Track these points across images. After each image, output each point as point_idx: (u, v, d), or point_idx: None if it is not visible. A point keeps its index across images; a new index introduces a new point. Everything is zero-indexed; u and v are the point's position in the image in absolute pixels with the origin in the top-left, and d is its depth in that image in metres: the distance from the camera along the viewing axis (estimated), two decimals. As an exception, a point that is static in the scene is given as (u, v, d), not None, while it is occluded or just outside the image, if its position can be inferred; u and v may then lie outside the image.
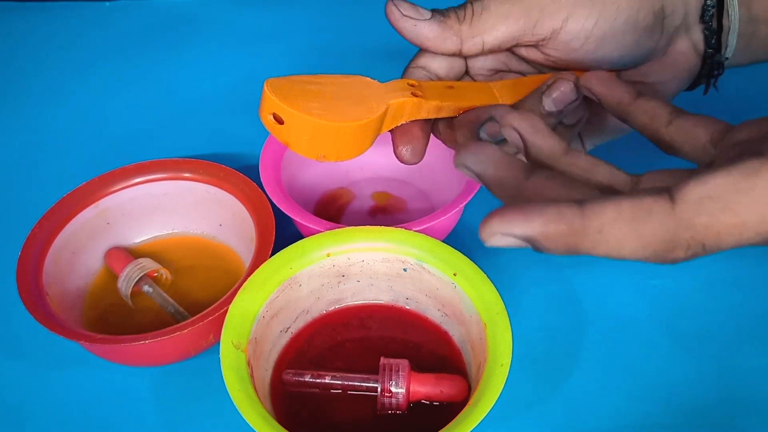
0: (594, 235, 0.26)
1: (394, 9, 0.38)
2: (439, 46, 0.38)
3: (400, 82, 0.37)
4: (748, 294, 0.48)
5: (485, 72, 0.41)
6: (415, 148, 0.38)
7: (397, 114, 0.36)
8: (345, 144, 0.34)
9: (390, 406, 0.41)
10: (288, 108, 0.33)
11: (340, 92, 0.35)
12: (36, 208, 0.48)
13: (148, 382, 0.45)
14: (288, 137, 0.34)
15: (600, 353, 0.45)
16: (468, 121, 0.37)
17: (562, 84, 0.36)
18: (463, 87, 0.39)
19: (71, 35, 0.71)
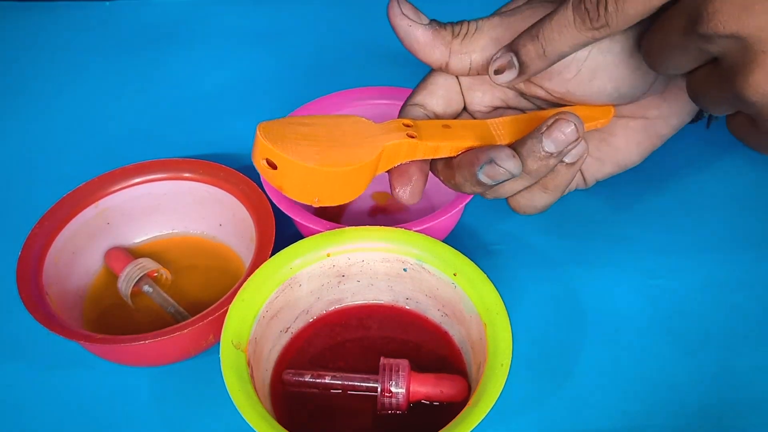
0: None
1: (395, 6, 0.38)
2: (426, 53, 0.38)
3: (396, 123, 0.36)
4: (748, 294, 0.48)
5: (483, 108, 0.41)
6: (413, 190, 0.37)
7: (393, 155, 0.36)
8: (340, 188, 0.34)
9: (390, 406, 0.41)
10: (281, 153, 0.32)
11: (334, 134, 0.34)
12: (36, 208, 0.48)
13: (148, 382, 0.45)
14: (282, 182, 0.33)
15: (600, 353, 0.45)
16: (467, 162, 0.36)
17: (563, 124, 0.35)
18: (460, 126, 0.38)
19: (71, 35, 0.71)
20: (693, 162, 0.56)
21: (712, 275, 0.49)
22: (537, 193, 0.38)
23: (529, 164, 0.35)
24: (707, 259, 0.50)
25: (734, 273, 0.49)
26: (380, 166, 0.35)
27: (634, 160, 0.42)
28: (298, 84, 0.64)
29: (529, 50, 0.35)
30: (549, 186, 0.38)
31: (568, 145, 0.35)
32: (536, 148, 0.35)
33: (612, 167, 0.42)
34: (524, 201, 0.39)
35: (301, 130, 0.34)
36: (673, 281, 0.49)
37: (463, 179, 0.36)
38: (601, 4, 0.32)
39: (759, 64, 0.29)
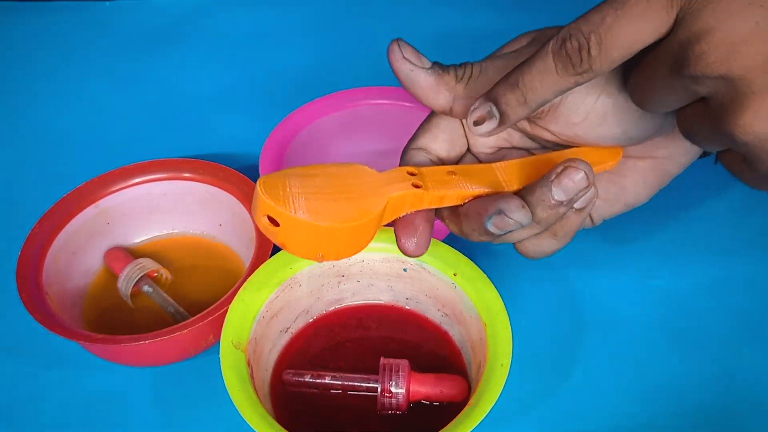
0: None
1: (396, 49, 0.36)
2: (430, 99, 0.37)
3: (400, 172, 0.35)
4: (748, 294, 0.48)
5: (487, 150, 0.39)
6: (419, 241, 0.36)
7: (398, 206, 0.35)
8: (345, 244, 0.33)
9: (390, 407, 0.41)
10: (283, 211, 0.31)
11: (337, 186, 0.33)
12: (36, 208, 0.48)
13: (148, 382, 0.45)
14: (284, 240, 0.32)
15: (600, 353, 0.45)
16: (475, 212, 0.35)
17: (572, 172, 0.33)
18: (466, 172, 0.37)
19: (71, 35, 0.71)
20: (693, 162, 0.56)
21: (712, 276, 0.49)
22: (546, 240, 0.37)
23: (539, 213, 0.34)
24: (707, 260, 0.50)
25: (734, 274, 0.49)
26: (385, 217, 0.34)
27: (642, 199, 0.41)
28: (298, 84, 0.64)
29: (509, 99, 0.34)
30: (558, 232, 0.36)
31: (578, 193, 0.34)
32: (545, 197, 0.34)
33: (620, 207, 0.41)
34: (533, 247, 0.37)
35: (303, 183, 0.33)
36: (673, 281, 0.49)
37: (471, 229, 0.35)
38: (584, 48, 0.32)
39: (748, 105, 0.29)
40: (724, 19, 0.29)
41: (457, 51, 0.68)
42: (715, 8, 0.29)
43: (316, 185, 0.33)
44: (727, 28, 0.28)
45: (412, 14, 0.72)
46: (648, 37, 0.31)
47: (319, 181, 0.33)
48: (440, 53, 0.68)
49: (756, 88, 0.29)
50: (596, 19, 0.31)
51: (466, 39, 0.68)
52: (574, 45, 0.32)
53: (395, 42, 0.37)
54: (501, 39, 0.40)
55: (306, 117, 0.54)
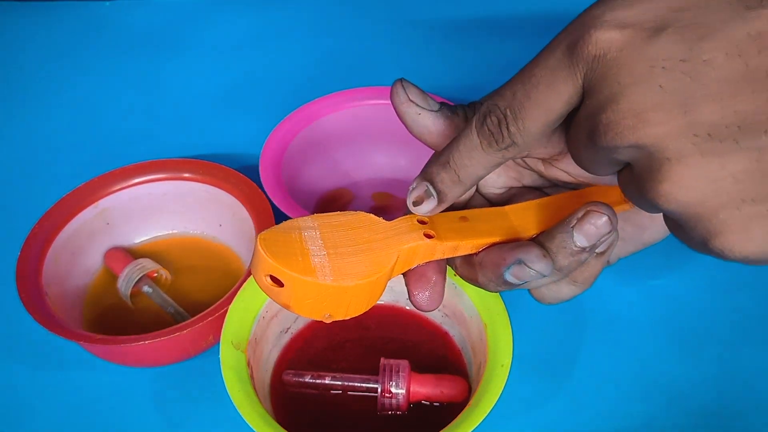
0: None
1: (400, 91, 0.34)
2: (439, 143, 0.34)
3: (409, 220, 0.33)
4: (748, 294, 0.48)
5: (497, 190, 0.37)
6: (433, 294, 0.34)
7: (410, 258, 0.32)
8: (354, 302, 0.31)
9: (390, 407, 0.41)
10: (288, 271, 0.29)
11: (343, 239, 0.31)
12: (36, 208, 0.48)
13: (148, 382, 0.45)
14: (289, 300, 0.30)
15: (600, 353, 0.45)
16: (492, 263, 0.33)
17: (595, 216, 0.31)
18: (479, 217, 0.35)
19: (71, 35, 0.71)
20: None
21: (712, 276, 0.49)
22: (565, 285, 0.35)
23: (560, 260, 0.32)
24: (708, 260, 0.49)
25: (735, 273, 0.49)
26: (395, 270, 0.32)
27: (659, 237, 0.39)
28: (298, 84, 0.64)
29: (443, 178, 0.33)
30: (578, 279, 0.35)
31: (602, 238, 0.32)
32: (567, 244, 0.32)
33: (636, 246, 0.39)
34: (550, 294, 0.35)
35: (306, 238, 0.31)
36: (673, 281, 0.49)
37: (488, 279, 0.33)
38: (502, 124, 0.30)
39: (666, 173, 0.27)
40: (628, 85, 0.27)
41: (458, 50, 0.68)
42: (618, 73, 0.27)
43: (321, 240, 0.31)
44: (632, 94, 0.27)
45: (413, 14, 0.72)
46: (561, 108, 0.30)
47: (323, 235, 0.31)
48: (441, 52, 0.68)
49: (671, 155, 0.27)
50: (508, 95, 0.30)
51: (467, 38, 0.68)
52: (494, 121, 0.31)
53: (399, 83, 0.34)
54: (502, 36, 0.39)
55: (306, 117, 0.54)
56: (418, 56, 0.67)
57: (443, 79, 0.64)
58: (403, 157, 0.55)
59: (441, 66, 0.65)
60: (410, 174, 0.55)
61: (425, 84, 0.41)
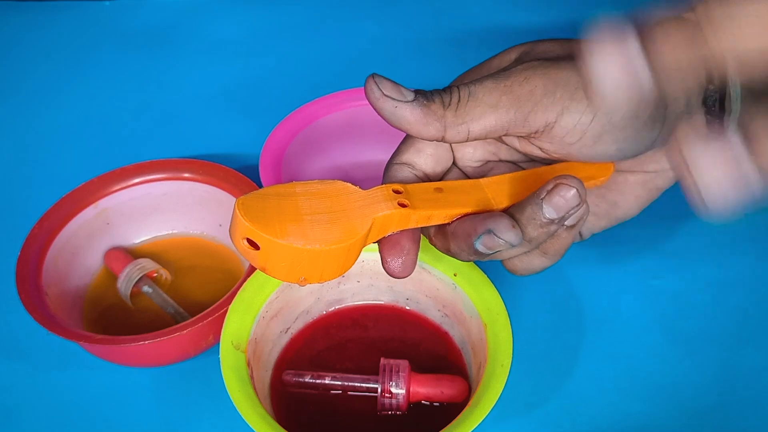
0: None
1: (374, 87, 0.34)
2: (420, 131, 0.35)
3: (385, 190, 0.34)
4: (748, 294, 0.48)
5: (474, 163, 0.39)
6: (406, 261, 0.35)
7: (384, 226, 0.33)
8: (328, 266, 0.31)
9: (390, 407, 0.41)
10: (264, 234, 0.30)
11: (320, 206, 0.32)
12: (36, 208, 0.48)
13: (148, 382, 0.45)
14: (265, 263, 0.31)
15: (600, 353, 0.45)
16: (463, 232, 0.34)
17: (564, 189, 0.33)
18: (453, 189, 0.36)
19: (71, 35, 0.71)
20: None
21: (712, 275, 0.49)
22: (536, 257, 0.36)
23: (529, 232, 0.34)
24: (708, 259, 0.50)
25: (734, 273, 0.49)
26: (370, 237, 0.33)
27: (631, 213, 0.40)
28: (297, 84, 0.64)
29: None
30: (549, 250, 0.36)
31: (570, 210, 0.33)
32: (536, 215, 0.33)
33: (609, 221, 0.40)
34: (522, 265, 0.37)
35: (284, 204, 0.32)
36: (674, 281, 0.49)
37: (459, 249, 0.34)
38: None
39: None
40: None
41: (458, 49, 0.68)
42: None
43: (297, 206, 0.32)
44: None
45: (413, 14, 0.72)
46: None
47: (300, 202, 0.32)
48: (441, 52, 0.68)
49: None
50: None
51: (467, 37, 0.68)
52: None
53: (371, 79, 0.34)
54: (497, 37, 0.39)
55: (306, 117, 0.54)
56: (417, 56, 0.67)
57: (443, 78, 0.64)
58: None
59: (440, 66, 0.65)
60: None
61: (425, 84, 0.41)
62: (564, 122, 0.34)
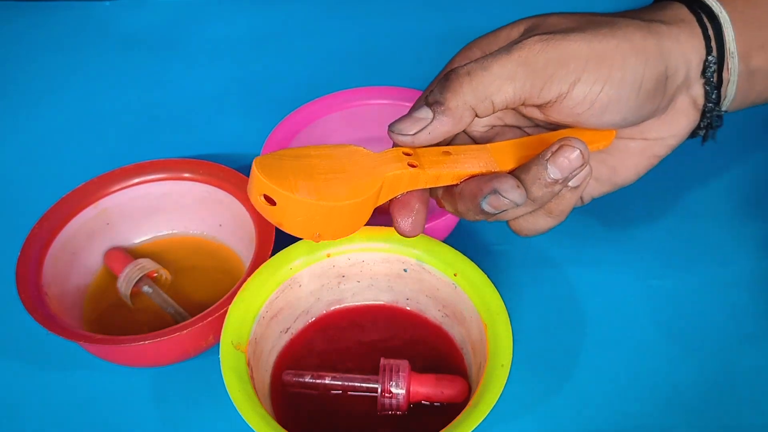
0: None
1: (401, 138, 0.36)
2: (459, 129, 0.36)
3: (395, 152, 0.35)
4: (747, 294, 0.48)
5: (481, 128, 0.40)
6: (416, 221, 0.36)
7: (394, 186, 0.35)
8: (342, 222, 0.33)
9: (390, 407, 0.41)
10: (280, 190, 0.31)
11: (333, 166, 0.33)
12: (36, 208, 0.48)
13: (148, 382, 0.45)
14: (281, 219, 0.32)
15: (600, 353, 0.45)
16: (470, 192, 0.35)
17: (568, 150, 0.34)
18: (460, 152, 0.37)
19: (71, 35, 0.71)
20: (693, 163, 0.56)
21: (712, 275, 0.49)
22: (541, 217, 0.38)
23: (534, 191, 0.35)
24: (707, 259, 0.50)
25: (734, 273, 0.49)
26: (381, 197, 0.34)
27: (630, 180, 0.42)
28: (297, 84, 0.64)
29: None
30: (553, 210, 0.37)
31: (573, 171, 0.34)
32: (541, 175, 0.34)
33: (609, 187, 0.42)
34: (527, 225, 0.38)
35: (299, 164, 0.33)
36: (673, 281, 0.49)
37: (466, 208, 0.36)
38: None
39: None
40: None
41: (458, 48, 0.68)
42: None
43: (312, 165, 0.33)
44: None
45: (412, 14, 0.72)
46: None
47: (315, 162, 0.33)
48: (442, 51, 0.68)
49: None
50: None
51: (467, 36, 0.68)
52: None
53: (391, 134, 0.36)
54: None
55: (306, 117, 0.54)
56: (417, 56, 0.66)
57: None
58: (403, 157, 0.54)
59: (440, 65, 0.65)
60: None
61: (425, 84, 0.41)
62: (575, 93, 0.36)
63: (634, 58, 0.36)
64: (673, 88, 0.39)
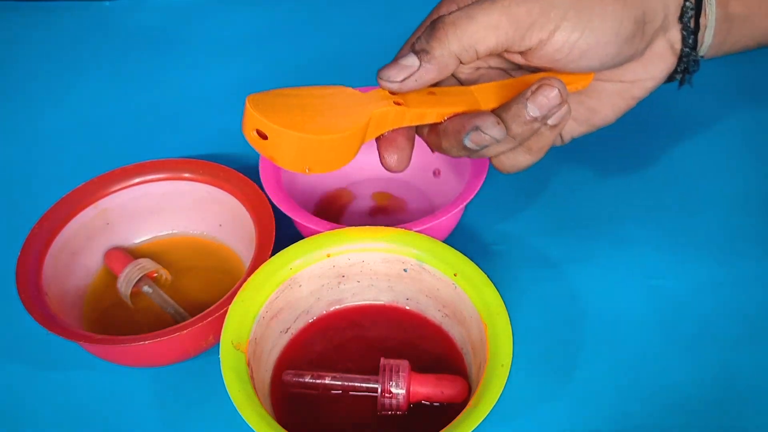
0: None
1: (388, 84, 0.37)
2: (444, 76, 0.38)
3: (382, 91, 0.37)
4: (748, 294, 0.48)
5: (466, 70, 0.42)
6: (401, 157, 0.38)
7: (381, 123, 0.36)
8: (329, 156, 0.35)
9: (390, 407, 0.41)
10: (271, 124, 0.33)
11: (323, 104, 0.35)
12: (36, 208, 0.48)
13: (148, 382, 0.45)
14: (273, 152, 0.34)
15: (600, 353, 0.45)
16: (453, 129, 0.37)
17: (547, 89, 0.36)
18: (445, 92, 0.39)
19: (71, 35, 0.71)
20: (693, 162, 0.56)
21: (712, 275, 0.49)
22: (521, 154, 0.40)
23: (514, 128, 0.37)
24: (707, 259, 0.50)
25: (734, 273, 0.49)
26: (369, 134, 0.36)
27: (609, 121, 0.43)
28: (297, 84, 0.64)
29: None
30: (533, 147, 0.39)
31: (552, 109, 0.36)
32: (521, 113, 0.37)
33: (587, 127, 0.44)
34: (508, 162, 0.40)
35: (290, 101, 0.35)
36: (673, 281, 0.49)
37: (450, 145, 0.38)
38: None
39: None
40: None
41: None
42: None
43: (303, 103, 0.35)
44: None
45: (414, 14, 0.71)
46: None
47: (305, 100, 0.35)
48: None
49: None
50: None
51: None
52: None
53: (379, 79, 0.38)
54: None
55: (306, 117, 0.54)
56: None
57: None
58: (403, 157, 0.55)
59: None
60: (410, 174, 0.55)
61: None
62: (555, 40, 0.38)
63: (613, 5, 0.38)
64: (651, 32, 0.40)
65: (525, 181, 0.55)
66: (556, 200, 0.54)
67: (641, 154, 0.56)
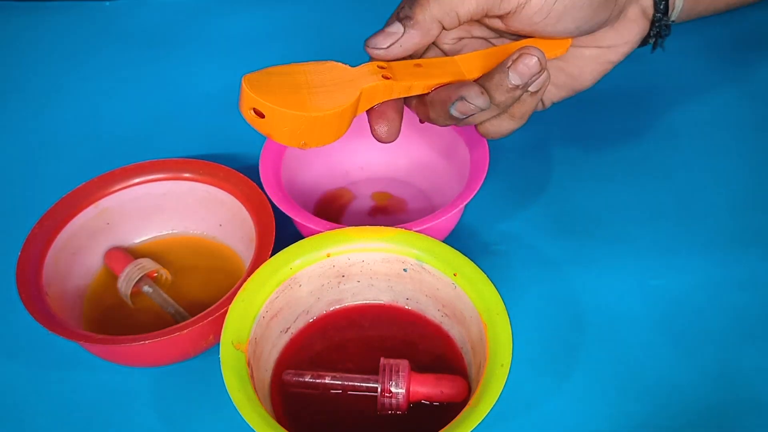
0: None
1: (374, 51, 0.40)
2: (428, 41, 0.40)
3: (371, 66, 0.39)
4: (748, 294, 0.48)
5: (450, 41, 0.43)
6: (391, 128, 0.40)
7: (371, 97, 0.38)
8: (324, 131, 0.37)
9: (390, 407, 0.41)
10: (267, 103, 0.35)
11: (315, 81, 0.37)
12: (36, 208, 0.48)
13: (148, 382, 0.45)
14: (269, 129, 0.36)
15: (600, 353, 0.45)
16: (439, 100, 0.39)
17: (527, 58, 0.38)
18: (431, 64, 0.41)
19: (71, 35, 0.71)
20: (693, 163, 0.56)
21: (712, 275, 0.49)
22: (505, 121, 0.41)
23: (497, 97, 0.39)
24: (707, 259, 0.50)
25: (734, 273, 0.49)
26: (360, 107, 0.38)
27: (587, 84, 0.46)
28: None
29: None
30: (516, 114, 0.41)
31: (532, 77, 0.38)
32: (503, 82, 0.38)
33: (567, 92, 0.46)
34: (493, 128, 0.42)
35: (284, 79, 0.36)
36: (673, 281, 0.49)
37: (437, 115, 0.40)
38: None
39: None
40: None
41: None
42: None
43: (296, 81, 0.37)
44: None
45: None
46: None
47: (298, 77, 0.37)
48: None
49: None
50: None
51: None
52: None
53: (367, 48, 0.40)
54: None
55: (306, 117, 0.54)
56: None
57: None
58: (402, 157, 0.55)
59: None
60: (410, 174, 0.55)
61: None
62: (533, 2, 0.40)
63: None
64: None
65: (525, 181, 0.55)
66: (556, 200, 0.54)
67: (641, 154, 0.56)
